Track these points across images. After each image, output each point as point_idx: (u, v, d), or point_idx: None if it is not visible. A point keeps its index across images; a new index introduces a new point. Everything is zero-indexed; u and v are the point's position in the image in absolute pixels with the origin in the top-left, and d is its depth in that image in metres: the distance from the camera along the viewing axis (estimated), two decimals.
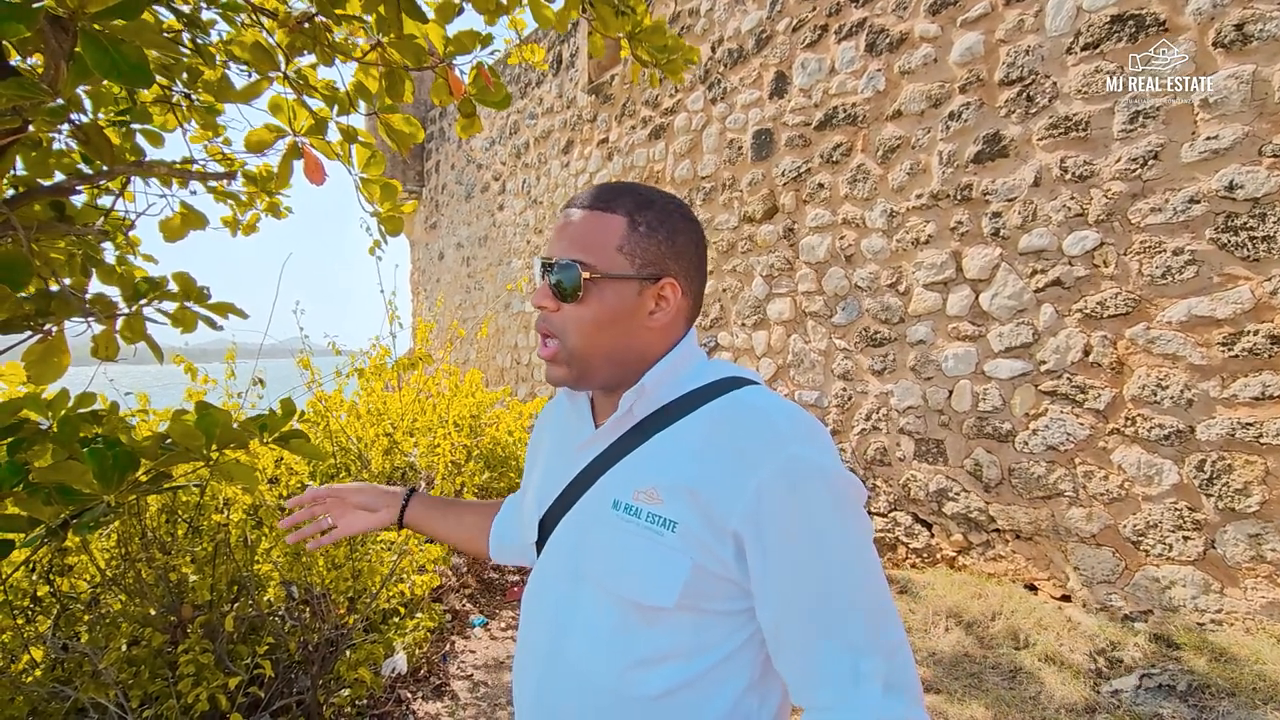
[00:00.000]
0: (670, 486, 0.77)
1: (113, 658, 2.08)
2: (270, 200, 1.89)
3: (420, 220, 11.52)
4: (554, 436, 1.00)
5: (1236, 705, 2.47)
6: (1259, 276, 2.82)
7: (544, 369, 0.89)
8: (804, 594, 0.73)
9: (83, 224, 1.54)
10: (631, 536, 0.78)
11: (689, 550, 0.75)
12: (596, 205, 0.83)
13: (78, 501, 1.14)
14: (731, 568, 0.76)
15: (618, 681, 0.78)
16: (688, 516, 0.75)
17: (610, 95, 6.80)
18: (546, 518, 0.90)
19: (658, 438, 0.82)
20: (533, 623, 0.88)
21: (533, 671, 0.86)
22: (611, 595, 0.79)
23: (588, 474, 0.86)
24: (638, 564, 0.77)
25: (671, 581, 0.75)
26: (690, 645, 0.77)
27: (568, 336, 0.83)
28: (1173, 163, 3.04)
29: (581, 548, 0.83)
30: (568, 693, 0.81)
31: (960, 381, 3.85)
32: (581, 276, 0.80)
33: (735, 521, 0.73)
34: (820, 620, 0.72)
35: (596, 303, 0.81)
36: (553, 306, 0.83)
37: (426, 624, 3.13)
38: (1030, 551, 3.60)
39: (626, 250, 0.81)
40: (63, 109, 1.07)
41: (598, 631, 0.80)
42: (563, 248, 0.83)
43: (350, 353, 4.16)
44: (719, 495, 0.74)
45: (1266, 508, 2.80)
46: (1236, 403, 2.88)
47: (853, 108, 4.40)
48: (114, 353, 1.49)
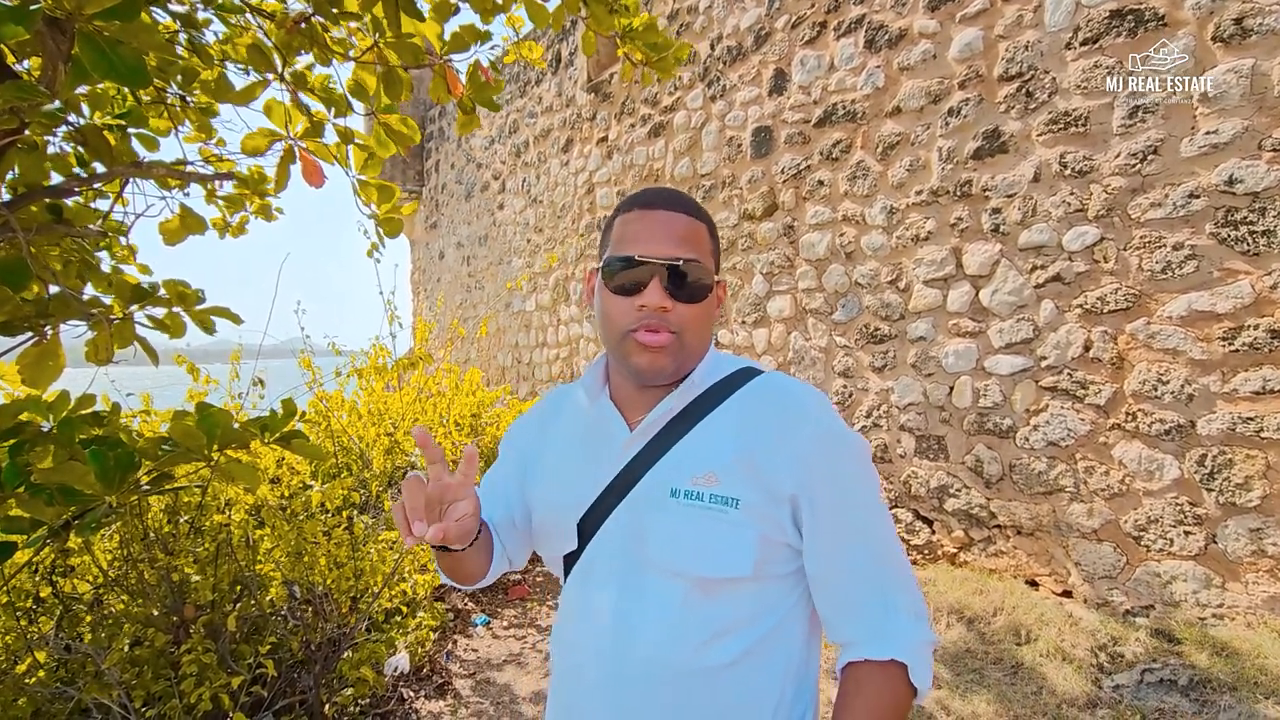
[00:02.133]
0: (725, 467, 0.84)
1: (115, 658, 2.09)
2: (261, 202, 1.89)
3: (420, 219, 11.51)
4: (569, 440, 1.00)
5: (1238, 700, 2.47)
6: (1259, 271, 2.81)
7: (647, 357, 0.86)
8: (846, 543, 0.85)
9: (80, 226, 1.54)
10: (698, 519, 0.83)
11: (753, 523, 0.83)
12: (689, 210, 0.90)
13: (80, 502, 1.14)
14: (788, 531, 0.85)
15: (692, 657, 0.83)
16: (747, 491, 0.83)
17: (609, 93, 6.79)
18: (584, 521, 0.92)
19: (701, 426, 0.88)
20: (589, 619, 0.90)
21: (598, 667, 0.87)
22: (680, 577, 0.84)
23: (632, 469, 0.89)
24: (708, 542, 0.83)
25: (745, 553, 0.82)
26: (753, 612, 0.85)
27: (686, 333, 0.87)
28: (1172, 157, 3.04)
29: (642, 538, 0.86)
30: (643, 678, 0.84)
31: (961, 378, 3.85)
32: (712, 276, 0.88)
33: (789, 486, 0.83)
34: (858, 564, 0.85)
35: (709, 301, 0.89)
36: (670, 306, 0.85)
37: (429, 623, 3.13)
38: (1031, 547, 3.60)
39: (713, 253, 0.91)
40: (60, 111, 1.07)
41: (668, 614, 0.84)
42: (682, 248, 0.86)
43: (351, 353, 4.16)
44: (771, 466, 0.83)
45: (1267, 502, 2.80)
46: (1237, 397, 2.88)
47: (852, 104, 4.40)
48: (108, 356, 1.50)
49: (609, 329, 0.89)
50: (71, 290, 1.43)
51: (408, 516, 0.74)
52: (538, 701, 2.97)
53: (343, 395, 4.10)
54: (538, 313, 8.10)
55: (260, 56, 1.49)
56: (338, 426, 3.85)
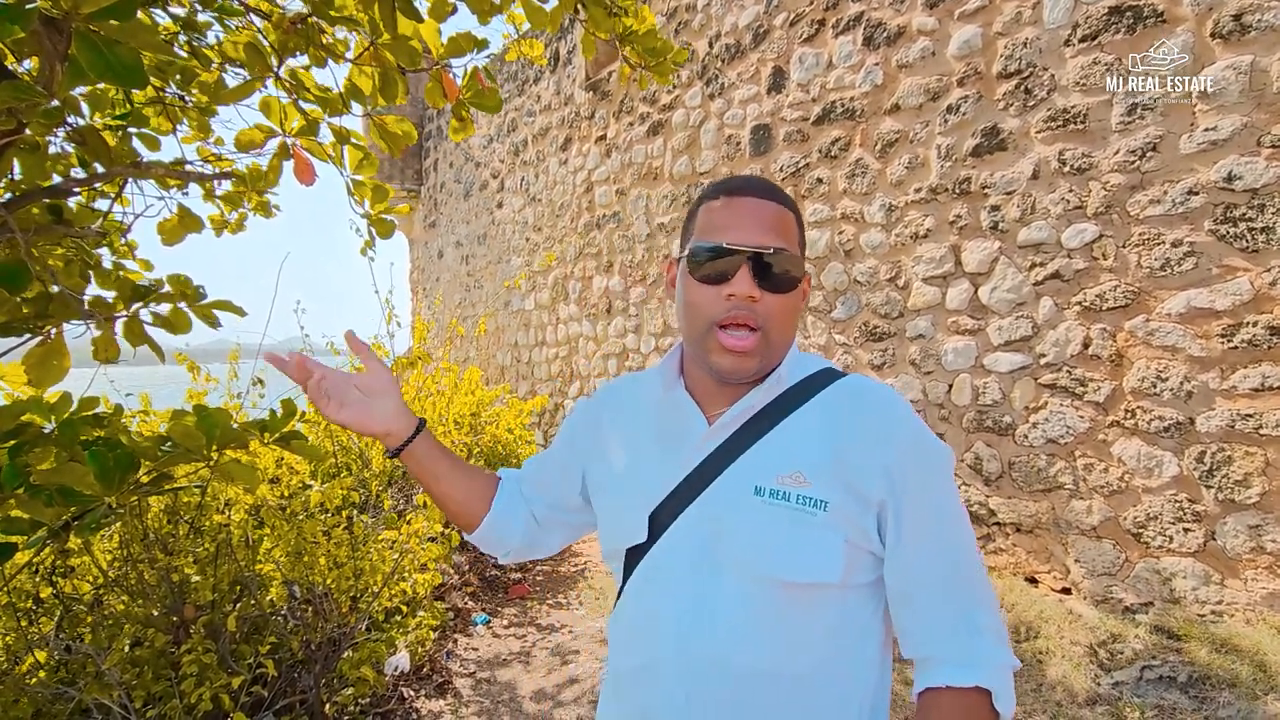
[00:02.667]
0: (815, 468, 0.82)
1: (116, 658, 2.09)
2: (259, 199, 1.88)
3: (419, 219, 11.51)
4: (640, 430, 0.97)
5: (1237, 696, 2.48)
6: (1258, 268, 2.81)
7: (730, 360, 0.83)
8: (932, 557, 0.82)
9: (80, 226, 1.54)
10: (783, 520, 0.80)
11: (841, 528, 0.80)
12: (778, 198, 0.86)
13: (79, 503, 1.14)
14: (873, 540, 0.82)
15: (770, 663, 0.80)
16: (837, 495, 0.80)
17: (608, 92, 6.78)
18: (658, 512, 0.88)
19: (786, 424, 0.85)
20: (660, 616, 0.86)
21: (672, 667, 0.84)
22: (761, 579, 0.81)
23: (711, 465, 0.86)
24: (794, 545, 0.80)
25: (833, 559, 0.80)
26: (834, 620, 0.82)
27: (772, 328, 0.83)
28: (1171, 154, 3.04)
29: (720, 536, 0.83)
30: (719, 680, 0.81)
31: (960, 375, 3.85)
32: (803, 265, 0.84)
33: (879, 493, 0.81)
34: (946, 580, 0.82)
35: (798, 293, 0.86)
36: (759, 296, 0.82)
37: (429, 622, 3.14)
38: (1031, 545, 3.60)
39: (801, 244, 0.88)
40: (58, 110, 1.07)
41: (748, 616, 0.81)
42: (771, 237, 0.83)
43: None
44: (862, 471, 0.81)
45: (1266, 499, 2.80)
46: (1236, 394, 2.88)
47: (850, 102, 4.39)
48: (115, 355, 1.50)
49: (693, 320, 0.85)
50: (72, 290, 1.43)
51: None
52: (539, 700, 2.98)
53: None
54: (537, 311, 8.09)
55: (257, 55, 1.49)
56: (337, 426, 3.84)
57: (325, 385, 0.95)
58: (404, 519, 2.89)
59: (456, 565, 4.22)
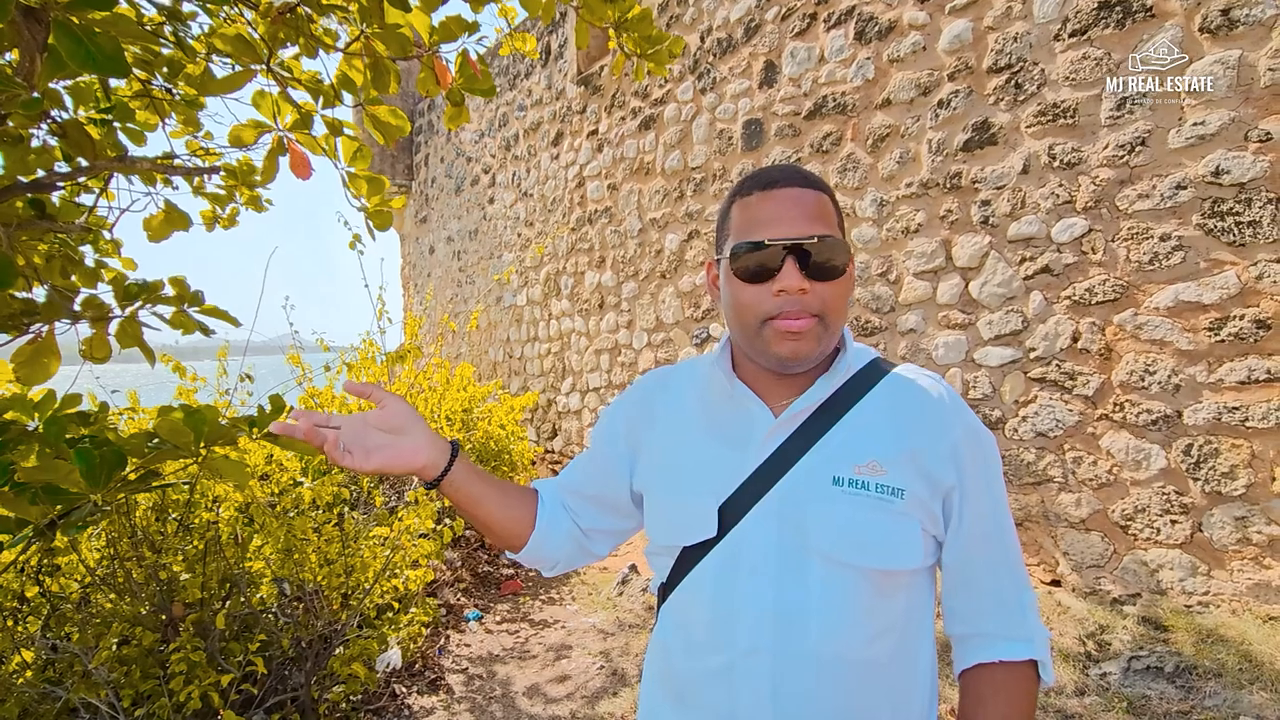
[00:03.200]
0: (890, 456, 0.83)
1: (103, 657, 2.07)
2: (250, 194, 1.86)
3: (410, 214, 11.44)
4: (695, 424, 0.95)
5: (1223, 686, 2.50)
6: (1245, 261, 2.84)
7: (789, 345, 0.82)
8: (989, 538, 0.86)
9: (64, 222, 1.52)
10: (865, 509, 0.82)
11: (916, 514, 0.83)
12: (813, 184, 0.86)
13: (65, 501, 1.13)
14: (939, 524, 0.86)
15: (861, 651, 0.82)
16: (912, 482, 0.83)
17: (599, 86, 6.76)
18: (728, 506, 0.87)
19: (852, 415, 0.87)
20: (740, 612, 0.84)
21: (766, 660, 0.82)
22: (851, 568, 0.82)
23: (782, 457, 0.86)
24: (879, 533, 0.82)
25: (914, 545, 0.83)
26: (908, 605, 0.85)
27: (829, 314, 0.83)
28: (1160, 149, 3.05)
29: (803, 527, 0.83)
30: (814, 674, 0.81)
31: (951, 369, 3.87)
32: (849, 251, 0.84)
33: (950, 479, 0.84)
34: (1001, 560, 0.87)
35: (848, 278, 0.86)
36: (807, 286, 0.81)
37: (421, 619, 3.13)
38: (1021, 537, 3.63)
39: (840, 225, 0.87)
40: (38, 102, 1.05)
41: (840, 605, 0.81)
42: (814, 225, 0.82)
43: (340, 349, 4.13)
44: (932, 457, 0.84)
45: (1252, 490, 2.83)
46: (1223, 387, 2.90)
47: (842, 96, 4.39)
48: (105, 355, 1.48)
49: (743, 318, 0.84)
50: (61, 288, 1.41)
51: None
52: (531, 696, 2.98)
53: (333, 391, 4.07)
54: (529, 307, 8.07)
55: (246, 47, 1.47)
56: None
57: (344, 441, 0.87)
58: (396, 515, 2.88)
59: (449, 561, 4.21)
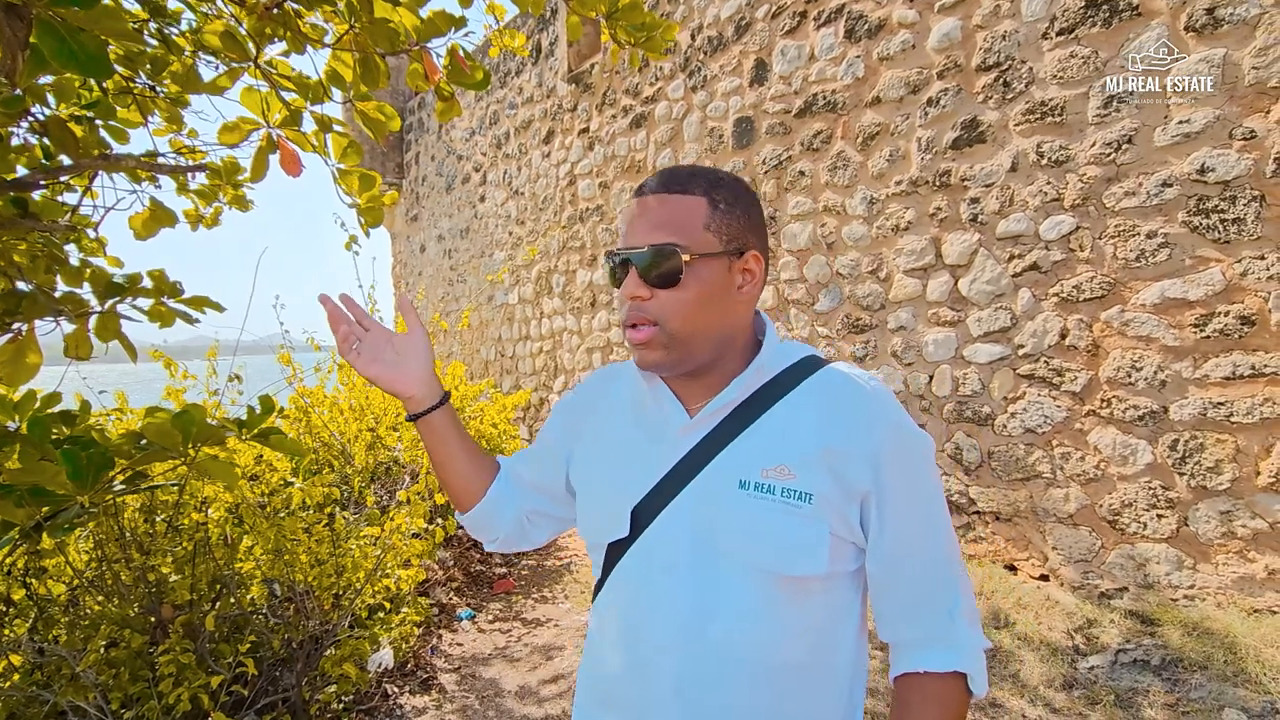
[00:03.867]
0: (801, 460, 0.82)
1: (91, 660, 2.06)
2: (235, 193, 1.85)
3: (401, 212, 11.39)
4: (621, 422, 0.97)
5: (1209, 678, 2.54)
6: (1229, 258, 2.86)
7: (638, 354, 0.86)
8: (914, 544, 0.83)
9: (47, 220, 1.51)
10: (771, 513, 0.81)
11: (826, 519, 0.81)
12: (673, 189, 0.84)
13: (52, 503, 1.12)
14: (855, 530, 0.83)
15: (769, 654, 0.82)
16: (823, 487, 0.81)
17: (590, 84, 6.75)
18: (642, 506, 0.88)
19: (769, 416, 0.85)
20: (653, 612, 0.85)
21: (671, 659, 0.83)
22: (758, 571, 0.82)
23: (693, 459, 0.86)
24: (783, 538, 0.81)
25: (819, 550, 0.81)
26: (824, 610, 0.84)
27: (668, 321, 0.83)
28: (1146, 147, 3.08)
29: (712, 529, 0.83)
30: (718, 669, 0.82)
31: (941, 366, 3.89)
32: (681, 259, 0.81)
33: (865, 484, 0.81)
34: (927, 566, 0.84)
35: (695, 283, 0.82)
36: (647, 294, 0.82)
37: (412, 618, 3.12)
38: (1010, 533, 3.66)
39: (713, 228, 0.83)
40: (20, 100, 1.04)
41: (747, 606, 0.82)
42: (650, 233, 0.83)
43: (331, 348, 4.11)
44: (848, 462, 0.81)
45: (1237, 485, 2.87)
46: (1208, 383, 2.94)
47: (832, 95, 4.41)
48: (87, 352, 1.46)
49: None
50: (42, 286, 1.39)
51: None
52: (523, 695, 2.97)
53: (324, 390, 4.05)
54: (520, 306, 8.05)
55: (233, 43, 1.45)
56: (318, 422, 3.81)
57: (360, 337, 0.99)
58: (387, 515, 2.87)
59: (441, 561, 4.20)
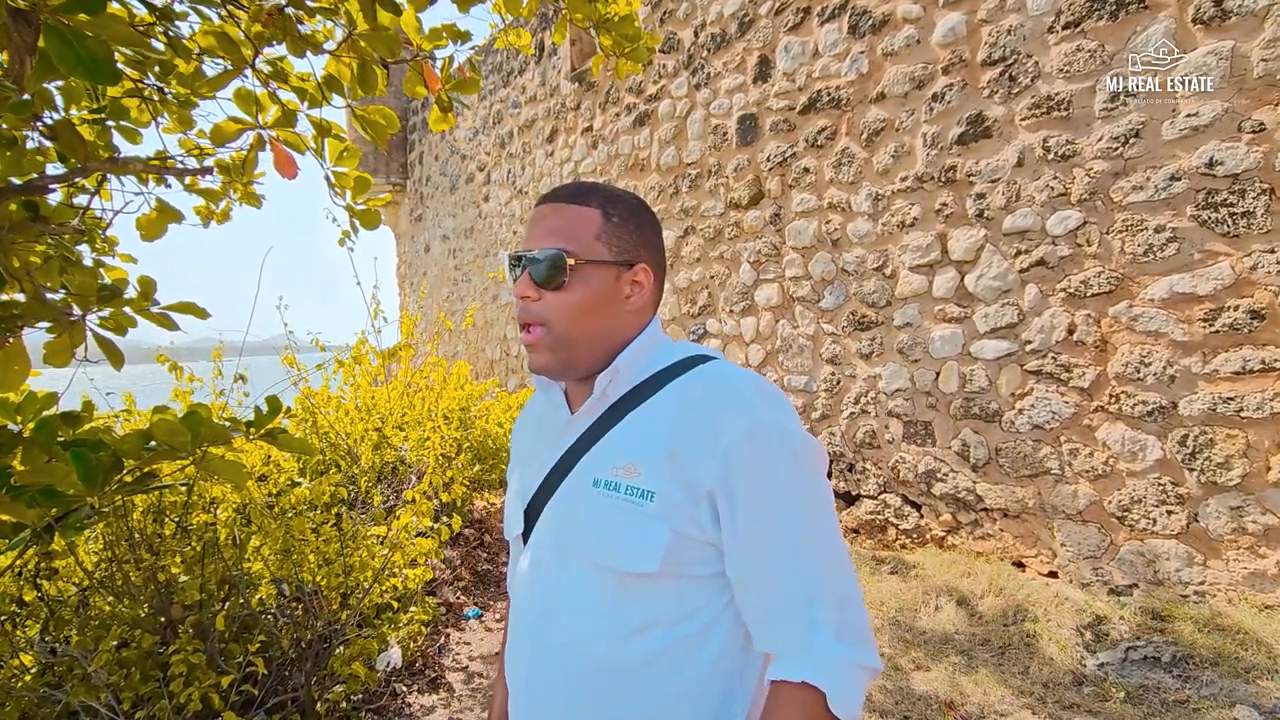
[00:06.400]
0: (647, 459, 0.82)
1: (103, 660, 2.07)
2: (245, 189, 1.86)
3: (405, 213, 11.41)
4: (533, 431, 1.03)
5: (1220, 675, 2.52)
6: (1239, 252, 2.84)
7: (529, 355, 0.91)
8: (766, 546, 0.79)
9: (59, 223, 1.51)
10: (612, 510, 0.82)
11: (667, 517, 0.80)
12: (571, 199, 0.89)
13: (62, 504, 1.13)
14: (709, 530, 0.81)
15: (607, 650, 0.82)
16: (665, 485, 0.80)
17: (594, 82, 6.74)
18: (531, 506, 0.94)
19: (631, 416, 0.87)
20: (522, 606, 0.92)
21: (523, 652, 0.89)
22: (597, 568, 0.83)
23: (568, 459, 0.90)
24: (620, 535, 0.81)
25: (653, 548, 0.79)
26: (675, 611, 0.82)
27: (554, 323, 0.86)
28: (1154, 140, 3.06)
29: (565, 528, 0.88)
30: (559, 666, 0.85)
31: (947, 363, 3.88)
32: (566, 262, 0.85)
33: (709, 482, 0.79)
34: (781, 571, 0.79)
35: (581, 288, 0.86)
36: (535, 295, 0.87)
37: (420, 617, 3.13)
38: (1018, 529, 3.64)
39: (604, 239, 0.88)
40: (29, 105, 1.05)
41: (585, 603, 0.84)
42: (543, 239, 0.87)
43: (335, 349, 4.13)
44: (693, 460, 0.79)
45: (1247, 480, 2.85)
46: (1218, 378, 2.92)
47: (836, 91, 4.39)
48: (66, 360, 1.45)
49: None
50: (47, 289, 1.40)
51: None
52: None
53: (329, 391, 4.07)
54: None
55: (230, 46, 1.46)
56: (324, 422, 3.82)
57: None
58: (394, 515, 2.88)
59: (448, 560, 4.21)
